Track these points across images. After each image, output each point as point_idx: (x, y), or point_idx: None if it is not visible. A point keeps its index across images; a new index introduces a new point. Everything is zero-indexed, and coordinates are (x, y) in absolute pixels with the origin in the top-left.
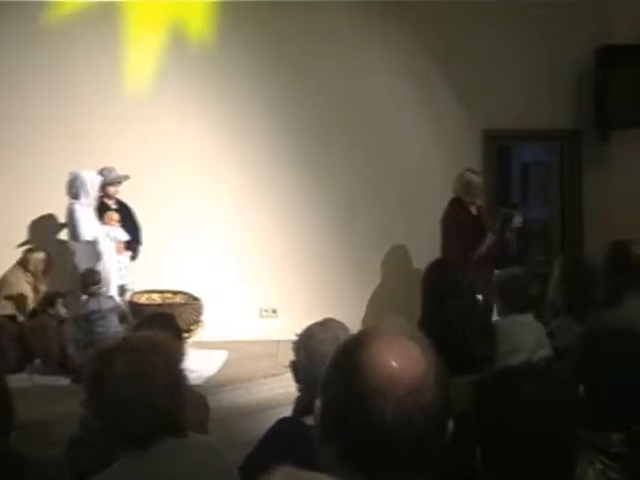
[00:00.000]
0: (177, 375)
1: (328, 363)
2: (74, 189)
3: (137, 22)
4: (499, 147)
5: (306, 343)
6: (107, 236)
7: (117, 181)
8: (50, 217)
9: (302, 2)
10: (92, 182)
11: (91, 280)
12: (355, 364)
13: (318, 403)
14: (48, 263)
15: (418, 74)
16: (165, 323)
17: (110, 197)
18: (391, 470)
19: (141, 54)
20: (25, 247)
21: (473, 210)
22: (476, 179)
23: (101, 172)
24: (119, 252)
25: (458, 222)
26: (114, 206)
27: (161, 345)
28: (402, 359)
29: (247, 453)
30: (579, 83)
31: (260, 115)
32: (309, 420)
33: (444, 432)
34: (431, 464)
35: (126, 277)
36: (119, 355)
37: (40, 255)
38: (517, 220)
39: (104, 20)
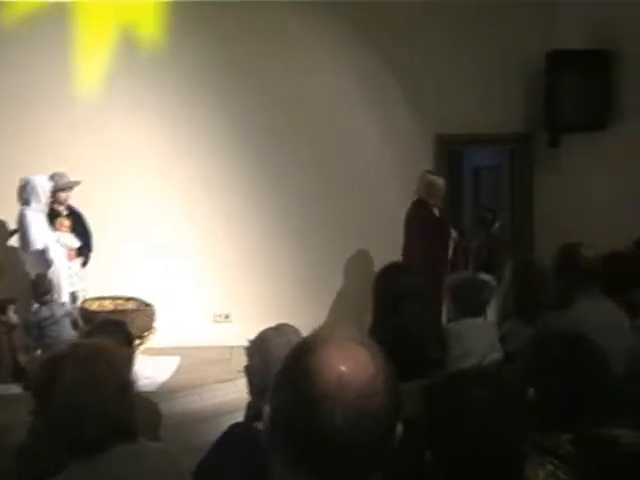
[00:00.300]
0: (127, 381)
1: (279, 369)
2: (25, 195)
3: (87, 25)
4: (451, 151)
5: (260, 347)
6: (57, 242)
7: (68, 187)
8: (0, 223)
9: (251, 2)
10: (43, 187)
11: (42, 288)
12: (304, 369)
13: (267, 409)
14: None
15: (369, 76)
16: (115, 329)
17: (61, 203)
18: (341, 475)
19: (91, 57)
20: None
21: (436, 212)
22: (440, 181)
23: (52, 177)
24: (70, 259)
25: (421, 223)
26: (65, 212)
27: (110, 352)
28: (351, 364)
29: (200, 459)
30: (530, 87)
31: (210, 118)
32: (261, 425)
33: (393, 436)
34: (380, 469)
35: (77, 284)
36: (68, 362)
37: None
38: (497, 226)
39: (54, 23)
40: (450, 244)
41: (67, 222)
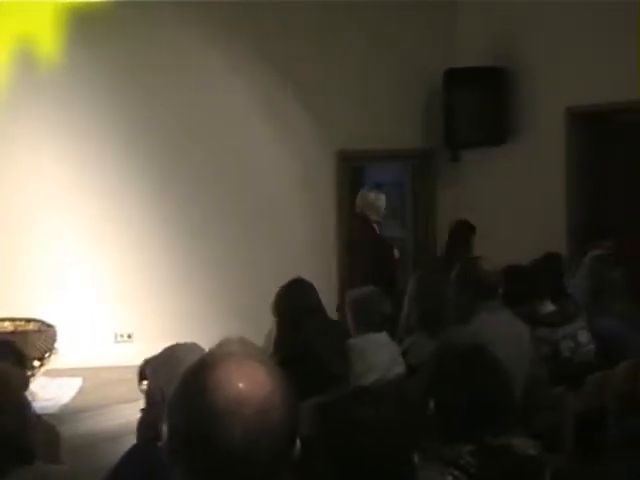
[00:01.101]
0: (21, 403)
1: (176, 386)
2: None
3: None
4: (353, 167)
5: (165, 365)
6: None
7: None
8: None
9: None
10: None
11: None
12: (202, 386)
13: (165, 427)
14: None
15: (268, 91)
16: (6, 350)
17: None
18: None
19: None
20: None
21: (376, 227)
22: (382, 197)
23: None
24: None
25: (368, 239)
26: None
27: (3, 373)
28: (249, 381)
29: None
30: (429, 103)
31: (113, 136)
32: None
33: (292, 453)
34: None
35: None
36: None
37: None
38: None
39: None
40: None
41: None
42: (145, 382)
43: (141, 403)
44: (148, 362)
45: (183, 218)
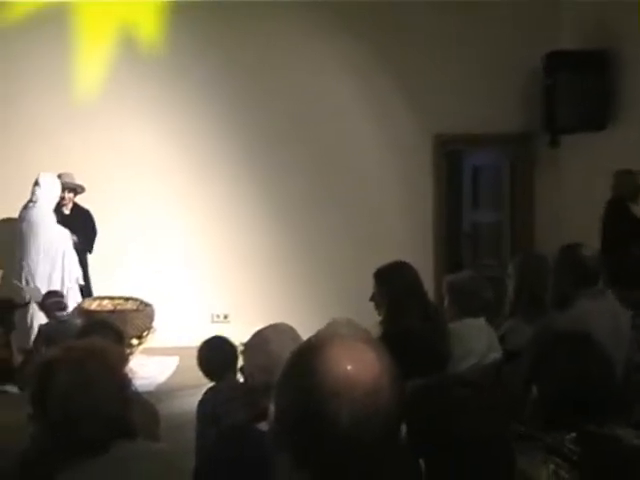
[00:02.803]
0: (122, 380)
1: (284, 367)
2: (33, 193)
3: (87, 25)
4: (450, 151)
5: (262, 347)
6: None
7: (70, 187)
8: (6, 221)
9: (251, 3)
10: (48, 185)
11: (57, 306)
12: (310, 368)
13: (272, 408)
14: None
15: (367, 76)
16: (105, 329)
17: (63, 204)
18: (347, 474)
19: (92, 58)
20: None
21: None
22: None
23: (59, 177)
24: None
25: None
26: (67, 212)
27: (103, 351)
28: (357, 362)
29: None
30: (529, 87)
31: (211, 117)
32: (263, 426)
33: (398, 435)
34: (386, 468)
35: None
36: (60, 366)
37: None
38: None
39: (54, 23)
40: None
41: None
42: None
43: None
44: (248, 343)
45: (283, 200)
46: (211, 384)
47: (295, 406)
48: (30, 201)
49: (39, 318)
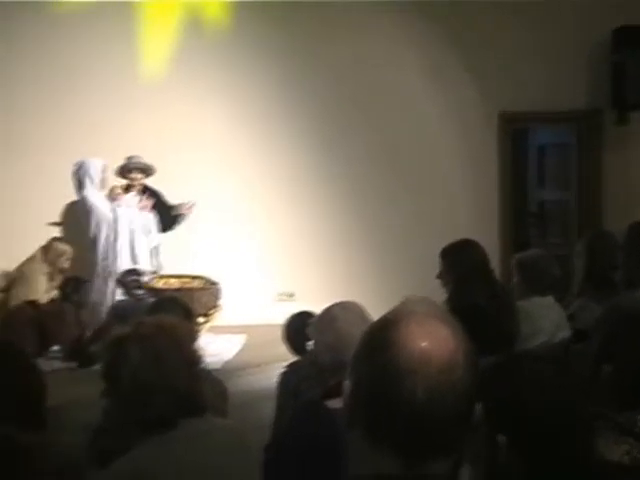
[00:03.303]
0: (191, 356)
1: (358, 344)
2: (78, 178)
3: (152, 4)
4: (515, 129)
5: (331, 325)
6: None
7: (136, 167)
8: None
9: None
10: (96, 168)
11: (135, 284)
12: (386, 344)
13: (347, 384)
14: (69, 258)
15: (433, 54)
16: (174, 306)
17: (134, 185)
18: (423, 451)
19: (156, 36)
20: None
21: None
22: None
23: (125, 160)
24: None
25: None
26: (137, 194)
27: (173, 328)
28: (432, 339)
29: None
30: (597, 64)
31: (274, 98)
32: (332, 403)
33: (472, 413)
34: (461, 445)
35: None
36: (131, 342)
37: (63, 248)
38: None
39: (119, 6)
40: None
41: (118, 186)
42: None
43: None
44: (316, 321)
45: (347, 180)
46: (282, 361)
47: (370, 382)
48: (79, 186)
49: (110, 295)
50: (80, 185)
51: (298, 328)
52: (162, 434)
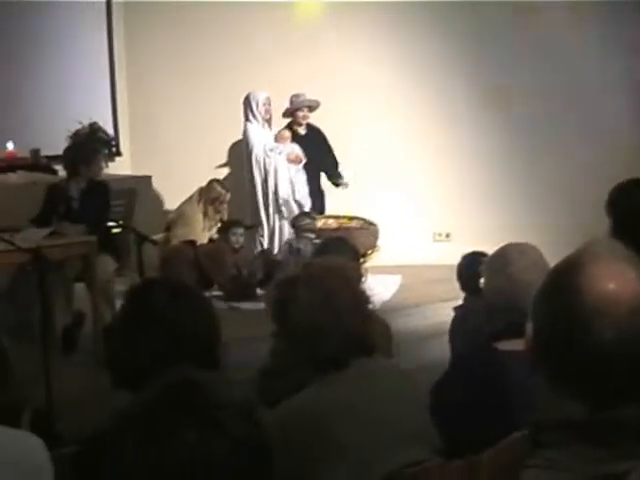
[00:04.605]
0: (359, 296)
1: (541, 286)
2: (244, 110)
3: None
4: None
5: (504, 269)
6: (278, 154)
7: (303, 105)
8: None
9: None
10: (257, 101)
11: (308, 227)
12: (571, 286)
13: (530, 327)
14: (224, 200)
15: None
16: (341, 247)
17: (299, 123)
18: (612, 395)
19: None
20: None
21: None
22: None
23: (291, 98)
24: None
25: None
26: (303, 132)
27: (342, 268)
28: (619, 280)
29: (434, 378)
30: None
31: (438, 52)
32: (502, 345)
33: None
34: None
35: (301, 192)
36: (300, 283)
37: (220, 190)
38: None
39: None
40: None
41: (287, 134)
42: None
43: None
44: (488, 262)
45: (507, 119)
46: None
47: (554, 325)
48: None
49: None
50: (246, 117)
51: (470, 267)
52: (334, 374)
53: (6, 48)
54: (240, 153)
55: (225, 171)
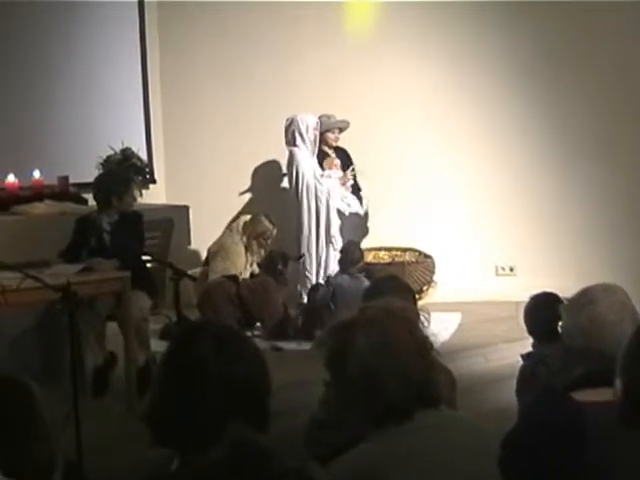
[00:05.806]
0: (421, 341)
1: (632, 339)
2: (290, 134)
3: None
4: None
5: (586, 307)
6: (328, 178)
7: (335, 127)
8: (273, 163)
9: None
10: (307, 126)
11: (353, 256)
12: None
13: (618, 382)
14: (271, 236)
15: None
16: (396, 286)
17: (329, 145)
18: None
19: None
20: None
21: None
22: None
23: (320, 119)
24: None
25: None
26: (333, 155)
27: (400, 311)
28: None
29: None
30: None
31: (495, 68)
32: (580, 395)
33: None
34: None
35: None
36: (358, 328)
37: (267, 225)
38: None
39: None
40: None
41: (337, 161)
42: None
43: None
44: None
45: (570, 152)
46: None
47: None
48: (288, 141)
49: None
50: (292, 142)
51: (542, 310)
52: (395, 428)
53: (33, 69)
54: (276, 179)
55: (265, 197)
